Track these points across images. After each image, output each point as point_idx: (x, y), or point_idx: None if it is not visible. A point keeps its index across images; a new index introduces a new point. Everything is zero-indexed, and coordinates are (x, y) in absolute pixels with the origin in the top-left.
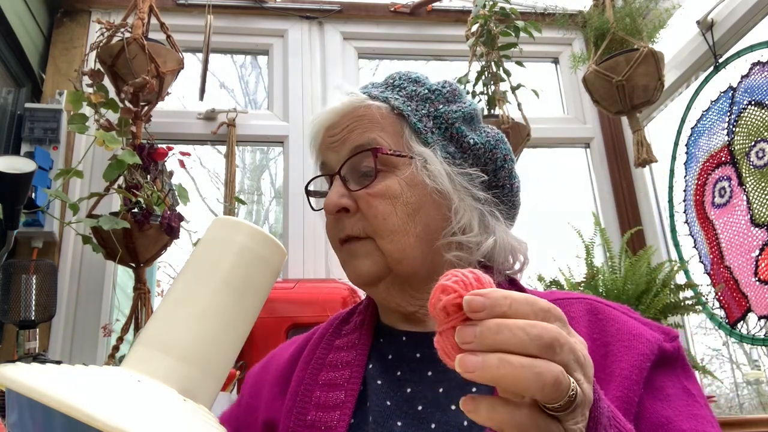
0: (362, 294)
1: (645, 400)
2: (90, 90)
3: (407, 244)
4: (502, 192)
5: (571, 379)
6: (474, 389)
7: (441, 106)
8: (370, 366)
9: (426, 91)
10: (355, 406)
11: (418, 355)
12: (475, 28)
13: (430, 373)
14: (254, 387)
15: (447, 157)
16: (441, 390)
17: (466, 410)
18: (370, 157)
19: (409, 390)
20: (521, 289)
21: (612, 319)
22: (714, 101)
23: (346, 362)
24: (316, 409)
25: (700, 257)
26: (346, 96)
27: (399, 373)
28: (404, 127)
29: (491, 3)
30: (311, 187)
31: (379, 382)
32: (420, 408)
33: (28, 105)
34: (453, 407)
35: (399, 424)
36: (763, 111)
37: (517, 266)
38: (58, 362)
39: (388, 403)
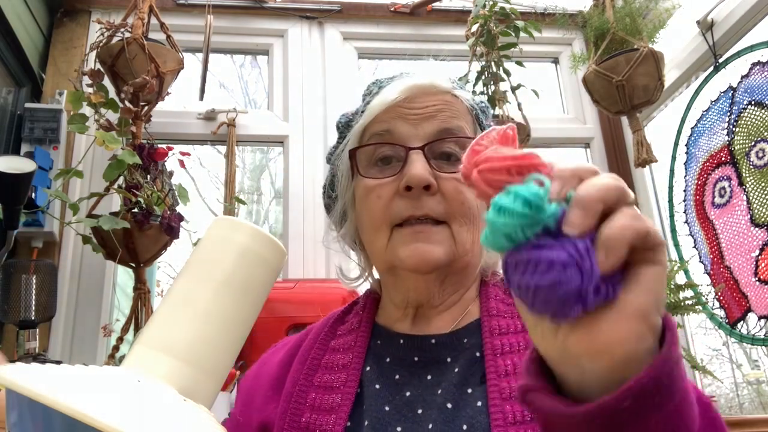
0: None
1: None
2: (90, 90)
3: (477, 237)
4: None
5: None
6: (469, 390)
7: (491, 123)
8: (367, 368)
9: (482, 104)
10: (351, 409)
11: (416, 358)
12: (475, 28)
13: (429, 377)
14: (248, 395)
15: None
16: (439, 391)
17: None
18: (457, 145)
19: (408, 394)
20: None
21: None
22: (714, 101)
23: (342, 364)
24: (311, 411)
25: (700, 257)
26: (425, 76)
27: (397, 377)
28: (477, 130)
29: (491, 3)
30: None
31: (377, 386)
32: (420, 411)
33: (28, 105)
34: (449, 405)
35: (399, 429)
36: (763, 111)
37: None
38: (58, 362)
39: (387, 408)
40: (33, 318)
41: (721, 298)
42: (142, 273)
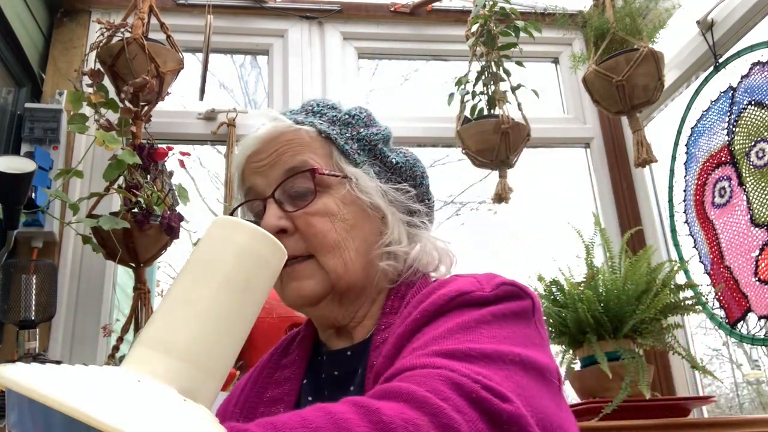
0: None
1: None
2: (90, 90)
3: (348, 258)
4: (426, 205)
5: None
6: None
7: (362, 130)
8: (305, 382)
9: (346, 116)
10: None
11: (336, 372)
12: (475, 28)
13: (352, 388)
14: (222, 415)
15: (376, 176)
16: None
17: None
18: (304, 179)
19: None
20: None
21: (446, 284)
22: (714, 101)
23: (286, 378)
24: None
25: (700, 257)
26: (270, 122)
27: (326, 393)
28: (333, 150)
29: (491, 3)
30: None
31: (309, 398)
32: None
33: (28, 105)
34: None
35: None
36: (763, 111)
37: (443, 268)
38: (58, 362)
39: None
40: (33, 318)
41: (721, 298)
42: (142, 273)
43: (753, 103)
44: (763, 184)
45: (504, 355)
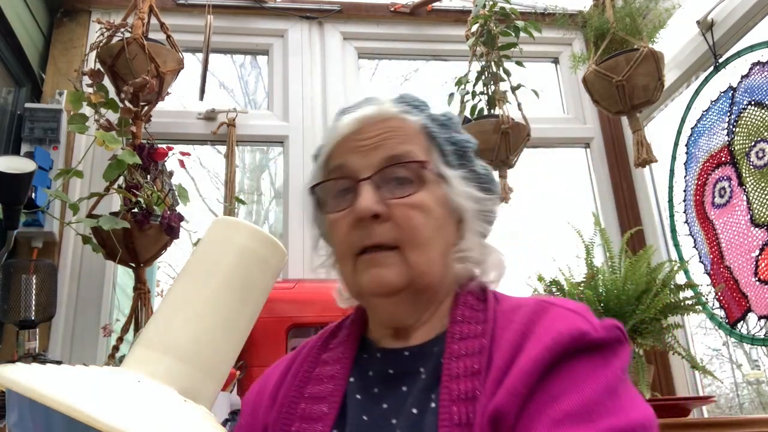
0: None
1: (543, 383)
2: (90, 90)
3: (433, 257)
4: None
5: None
6: (432, 395)
7: (455, 134)
8: (352, 380)
9: (443, 117)
10: (337, 419)
11: (391, 371)
12: (475, 28)
13: (404, 388)
14: (252, 408)
15: (465, 182)
16: (410, 400)
17: None
18: (408, 169)
19: (385, 406)
20: (495, 298)
21: (549, 316)
22: (714, 101)
23: (330, 376)
24: (300, 421)
25: (700, 257)
26: (374, 105)
27: (376, 390)
28: (432, 148)
29: (491, 3)
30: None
31: (358, 396)
32: (394, 421)
33: (28, 105)
34: (415, 410)
35: None
36: (763, 111)
37: (493, 276)
38: (58, 362)
39: (365, 417)
40: (33, 318)
41: (721, 298)
42: (142, 273)
43: (753, 103)
44: (763, 184)
45: (651, 422)
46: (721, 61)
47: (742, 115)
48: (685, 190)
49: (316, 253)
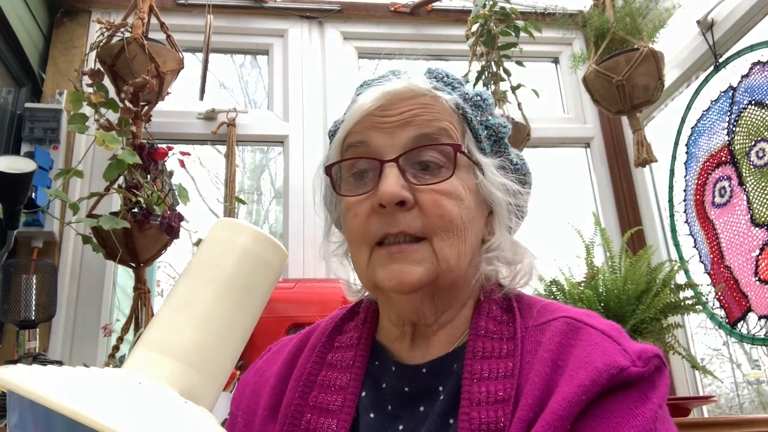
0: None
1: (577, 425)
2: (90, 90)
3: (462, 251)
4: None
5: None
6: (451, 420)
7: (490, 117)
8: (363, 394)
9: (477, 96)
10: None
11: (407, 389)
12: (475, 27)
13: (422, 408)
14: (248, 411)
15: (499, 171)
16: (427, 423)
17: None
18: (439, 152)
19: (401, 427)
20: (519, 307)
21: (581, 344)
22: (714, 101)
23: (339, 386)
24: None
25: (700, 257)
26: (402, 79)
27: (390, 408)
28: (466, 130)
29: (491, 3)
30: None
31: (371, 414)
32: None
33: (28, 105)
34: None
35: None
36: (763, 111)
37: (521, 282)
38: (59, 362)
39: None
40: (33, 318)
41: (721, 298)
42: (142, 273)
43: (753, 102)
44: (763, 184)
45: None
46: (721, 60)
47: (742, 114)
48: (685, 190)
49: (326, 240)
